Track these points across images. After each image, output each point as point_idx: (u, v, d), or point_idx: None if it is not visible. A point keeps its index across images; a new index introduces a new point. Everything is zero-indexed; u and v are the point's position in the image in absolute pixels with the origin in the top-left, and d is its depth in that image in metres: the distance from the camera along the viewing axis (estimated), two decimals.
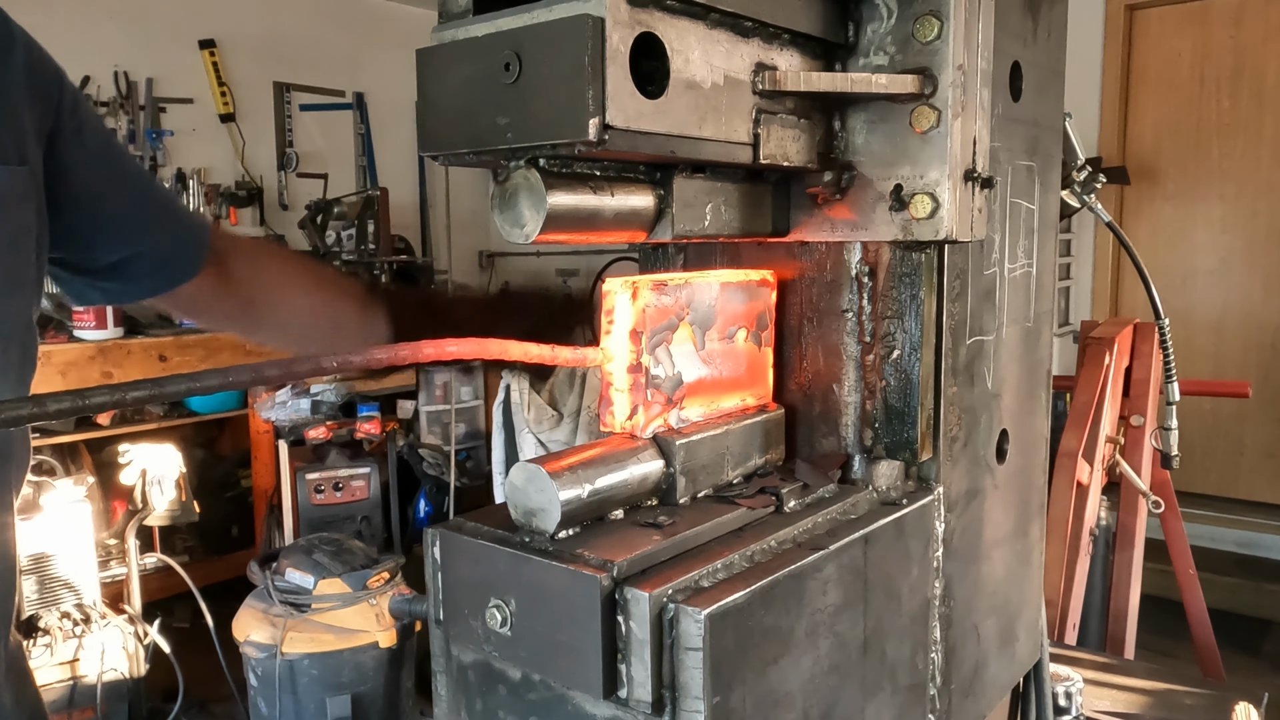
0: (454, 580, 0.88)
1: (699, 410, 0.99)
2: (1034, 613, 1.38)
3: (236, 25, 5.12)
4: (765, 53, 0.90)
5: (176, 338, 3.85)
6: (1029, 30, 1.17)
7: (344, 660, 2.86)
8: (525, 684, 0.86)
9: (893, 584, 0.99)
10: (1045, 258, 1.30)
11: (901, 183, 0.98)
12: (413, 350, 0.78)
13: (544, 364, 0.90)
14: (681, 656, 0.76)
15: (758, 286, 1.07)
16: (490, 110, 0.77)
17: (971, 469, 1.14)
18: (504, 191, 0.80)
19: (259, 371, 0.71)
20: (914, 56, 0.96)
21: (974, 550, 1.16)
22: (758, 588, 0.80)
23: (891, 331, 1.04)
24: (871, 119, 0.99)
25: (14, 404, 0.58)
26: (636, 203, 0.87)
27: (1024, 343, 1.26)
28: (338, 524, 3.94)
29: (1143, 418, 2.75)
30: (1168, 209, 5.57)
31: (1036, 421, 1.33)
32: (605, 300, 0.91)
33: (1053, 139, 1.29)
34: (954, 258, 1.05)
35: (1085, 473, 2.55)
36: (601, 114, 0.72)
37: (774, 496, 0.96)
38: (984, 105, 1.00)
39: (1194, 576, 2.97)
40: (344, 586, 2.90)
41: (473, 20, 0.79)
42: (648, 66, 0.77)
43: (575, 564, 0.79)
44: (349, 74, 5.70)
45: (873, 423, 1.06)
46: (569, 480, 0.84)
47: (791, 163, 0.95)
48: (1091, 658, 2.14)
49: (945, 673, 1.10)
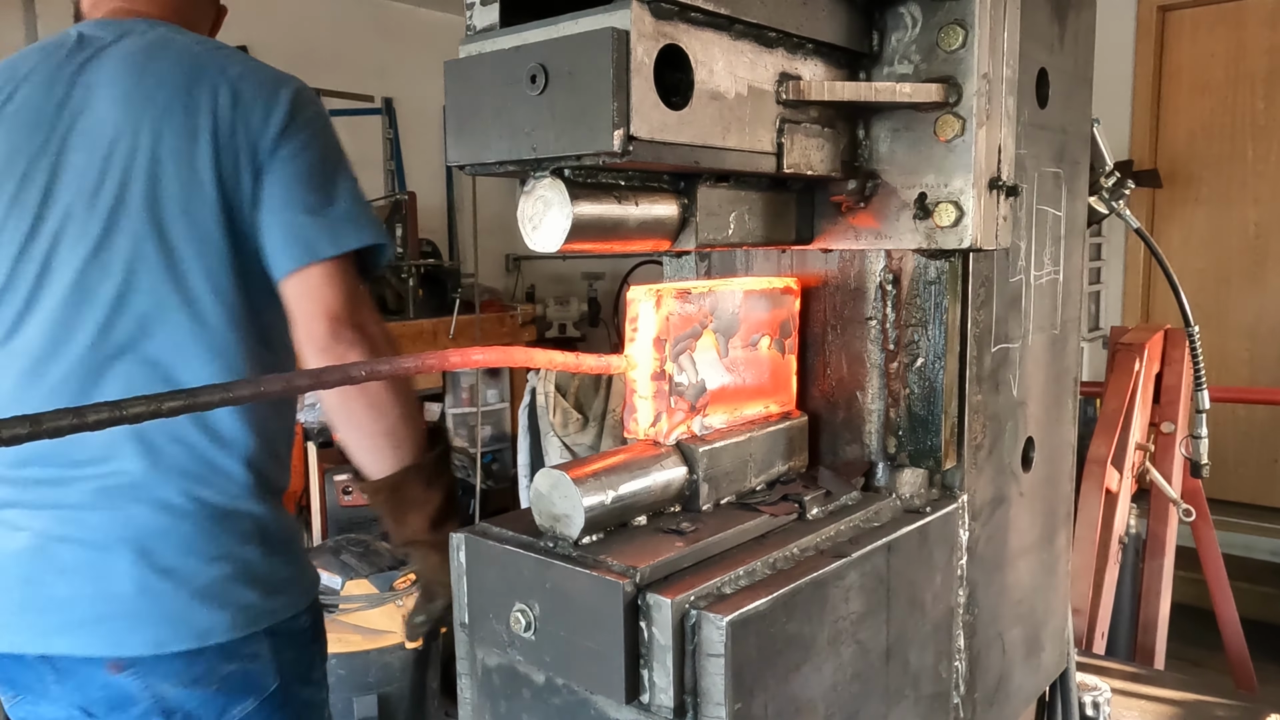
0: (479, 584, 0.90)
1: (722, 417, 1.00)
2: (1060, 621, 1.37)
3: (268, 32, 5.20)
4: (789, 62, 0.90)
5: None
6: (1056, 36, 1.16)
7: (370, 661, 2.89)
8: (549, 688, 0.87)
9: (916, 592, 0.99)
10: (1072, 264, 1.29)
11: (926, 191, 0.98)
12: (440, 358, 0.80)
13: (569, 370, 0.91)
14: (703, 663, 0.76)
15: (781, 294, 1.07)
16: (517, 122, 0.78)
17: (996, 477, 1.14)
18: (530, 202, 0.81)
19: (290, 381, 0.73)
20: (939, 65, 0.96)
21: (999, 558, 1.16)
22: (780, 595, 0.81)
23: (915, 339, 1.04)
24: (895, 127, 1.00)
25: (54, 415, 0.60)
26: (660, 212, 0.88)
27: (1050, 350, 1.25)
28: (365, 525, 3.98)
29: (1173, 425, 2.71)
30: (1201, 212, 5.49)
31: (1063, 429, 1.32)
32: (629, 308, 0.92)
33: (1080, 145, 1.28)
34: (979, 265, 1.05)
35: (1114, 480, 2.52)
36: (626, 125, 0.73)
37: (797, 504, 0.96)
38: (1009, 113, 1.00)
39: (1226, 585, 2.93)
40: (371, 587, 2.93)
41: (500, 33, 0.80)
42: (672, 78, 0.78)
43: (598, 570, 0.80)
44: (378, 79, 5.76)
45: (896, 430, 1.06)
46: (593, 486, 0.84)
47: (815, 171, 0.95)
48: (1120, 667, 2.11)
49: (969, 681, 1.10)
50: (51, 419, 0.57)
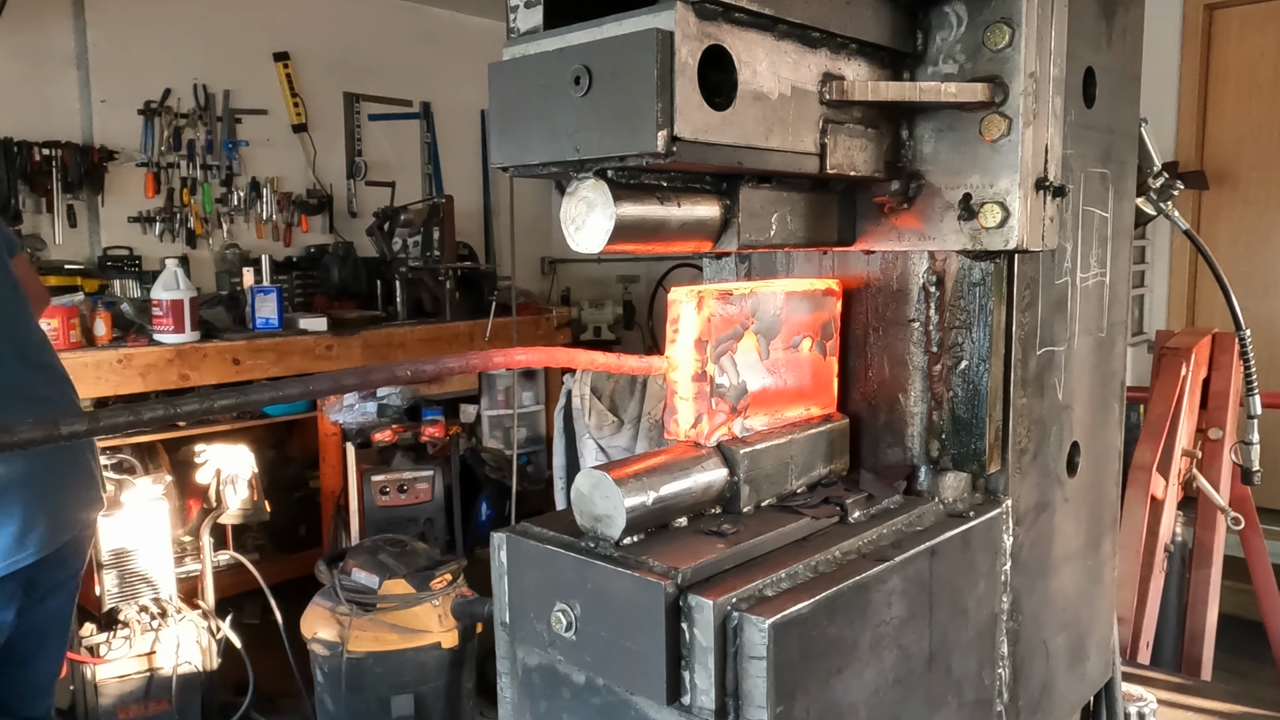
0: (520, 584, 0.90)
1: (763, 419, 1.00)
2: (1106, 630, 1.35)
3: (309, 38, 5.26)
4: (833, 63, 0.90)
5: (249, 341, 3.96)
6: (1104, 35, 1.15)
7: (407, 659, 2.91)
8: (589, 688, 0.87)
9: (959, 597, 0.98)
10: (1119, 266, 1.27)
11: (970, 191, 0.97)
12: (483, 359, 0.80)
13: (610, 371, 0.91)
14: (745, 665, 0.76)
15: (823, 296, 1.07)
16: (560, 123, 0.78)
17: (1041, 482, 1.12)
18: (573, 203, 0.81)
19: (337, 380, 0.74)
20: (984, 64, 0.95)
21: (1043, 565, 1.14)
22: (822, 598, 0.80)
23: (959, 342, 1.03)
24: (940, 127, 0.99)
25: (111, 412, 0.61)
26: (703, 213, 0.88)
27: (1096, 353, 1.23)
28: (402, 525, 4.01)
29: (1221, 431, 2.66)
30: (1249, 214, 5.37)
31: (1109, 434, 1.30)
32: (671, 309, 0.92)
33: (1128, 145, 1.26)
34: (1024, 267, 1.04)
35: (1160, 487, 2.47)
36: (670, 126, 0.73)
37: (838, 507, 0.95)
38: (1056, 112, 0.99)
39: (1276, 595, 2.86)
40: (408, 587, 2.95)
41: (543, 35, 0.81)
42: (715, 78, 0.78)
43: (640, 570, 0.80)
44: (416, 84, 5.82)
45: (939, 434, 1.05)
46: (634, 487, 0.84)
47: (858, 172, 0.95)
48: (1166, 678, 2.07)
49: (1013, 689, 1.09)
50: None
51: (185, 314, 3.77)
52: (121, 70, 4.40)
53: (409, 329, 4.53)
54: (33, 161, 4.18)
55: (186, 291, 3.77)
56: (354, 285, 4.87)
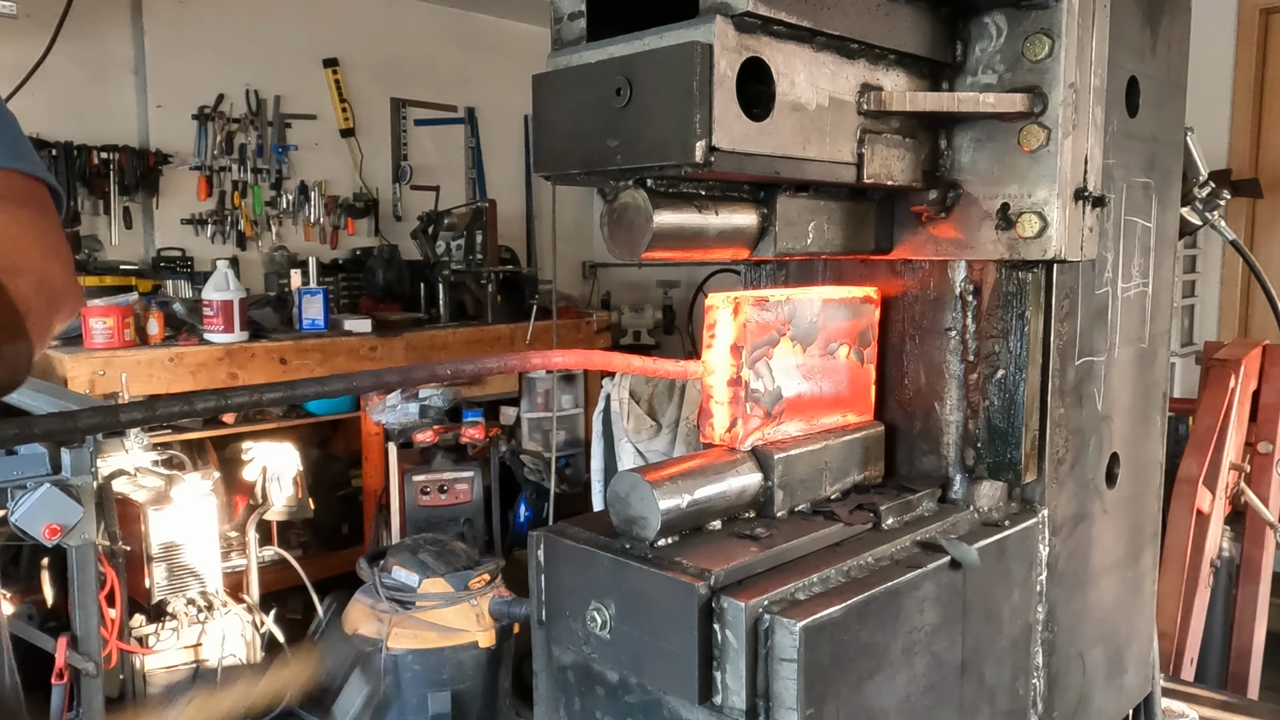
0: (556, 583, 0.92)
1: (798, 425, 1.01)
2: (1145, 644, 1.33)
3: (358, 45, 5.36)
4: (871, 73, 0.91)
5: (296, 341, 4.04)
6: (1148, 43, 1.14)
7: (445, 658, 2.95)
8: (623, 686, 0.89)
9: (993, 606, 0.98)
10: (1162, 277, 1.26)
11: (1009, 201, 0.97)
12: (521, 360, 0.82)
13: (647, 374, 0.93)
14: (776, 667, 0.77)
15: (861, 303, 1.07)
16: (601, 133, 0.80)
17: (1079, 492, 1.12)
18: (612, 211, 0.83)
19: (379, 377, 0.76)
20: (1024, 75, 0.95)
21: (1080, 576, 1.13)
22: (854, 603, 0.81)
23: (996, 351, 1.03)
24: (978, 137, 0.99)
25: (167, 401, 0.64)
26: (740, 221, 0.89)
27: (1138, 364, 1.22)
28: (442, 525, 4.06)
29: (1271, 445, 2.60)
30: None
31: (1150, 445, 1.28)
32: (708, 315, 0.93)
33: (1172, 154, 1.25)
34: (1063, 276, 1.04)
35: (1206, 501, 2.42)
36: (708, 137, 0.74)
37: (872, 513, 0.96)
38: (1097, 122, 0.99)
39: None
40: (447, 586, 2.99)
41: (586, 47, 0.83)
42: (753, 89, 0.79)
43: (674, 571, 0.81)
44: (461, 89, 5.89)
45: (975, 442, 1.05)
46: (669, 490, 0.86)
47: (896, 182, 0.95)
48: (1210, 695, 2.03)
49: (1047, 700, 1.08)
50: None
51: (235, 314, 3.86)
52: (177, 77, 4.52)
53: (451, 331, 4.59)
54: (91, 165, 4.31)
55: (236, 292, 3.86)
56: (398, 288, 4.94)
